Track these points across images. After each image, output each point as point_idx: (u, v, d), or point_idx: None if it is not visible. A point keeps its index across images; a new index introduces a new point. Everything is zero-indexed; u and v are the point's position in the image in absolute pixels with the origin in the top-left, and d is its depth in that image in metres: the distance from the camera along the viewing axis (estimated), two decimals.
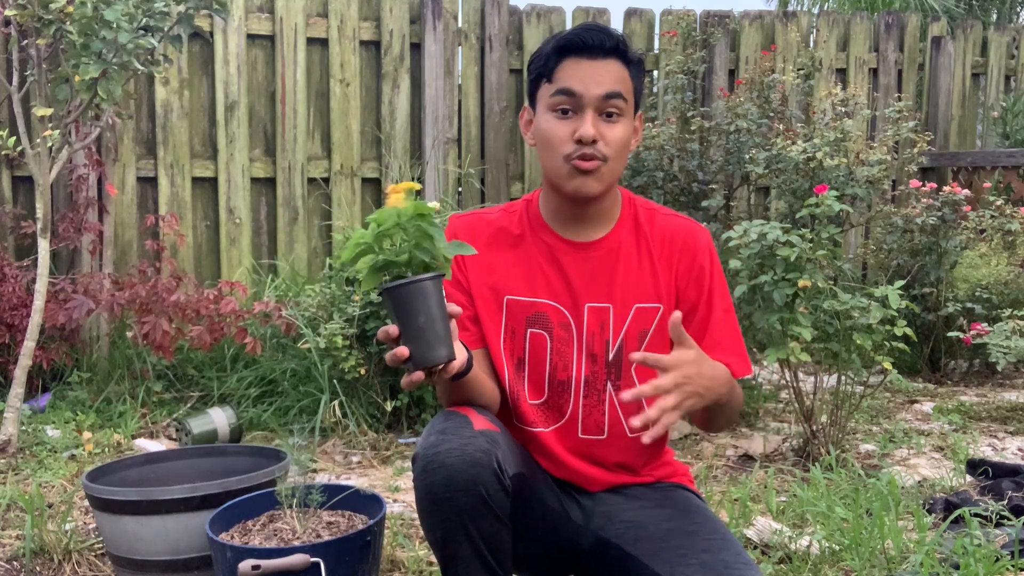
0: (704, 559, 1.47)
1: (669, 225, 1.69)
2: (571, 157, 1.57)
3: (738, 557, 1.47)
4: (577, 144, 1.56)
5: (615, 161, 1.59)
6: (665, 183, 4.45)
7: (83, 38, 3.06)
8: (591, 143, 1.56)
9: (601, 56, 1.57)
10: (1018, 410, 3.86)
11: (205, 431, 3.25)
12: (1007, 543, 2.27)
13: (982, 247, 4.28)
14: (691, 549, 1.50)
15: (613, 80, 1.57)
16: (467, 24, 4.71)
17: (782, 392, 3.98)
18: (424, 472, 1.43)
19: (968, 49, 5.77)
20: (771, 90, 4.46)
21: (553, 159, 1.60)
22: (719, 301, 1.67)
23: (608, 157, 1.58)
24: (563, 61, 1.58)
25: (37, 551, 2.33)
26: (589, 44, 1.57)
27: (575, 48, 1.57)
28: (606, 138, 1.57)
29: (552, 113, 1.59)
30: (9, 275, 3.68)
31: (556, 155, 1.59)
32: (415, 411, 3.52)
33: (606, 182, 1.60)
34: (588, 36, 1.57)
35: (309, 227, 4.50)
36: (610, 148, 1.58)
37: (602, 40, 1.57)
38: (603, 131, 1.57)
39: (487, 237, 1.69)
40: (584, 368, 1.65)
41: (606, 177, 1.60)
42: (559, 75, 1.58)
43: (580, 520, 1.66)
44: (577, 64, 1.57)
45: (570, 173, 1.58)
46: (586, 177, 1.58)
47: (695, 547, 1.50)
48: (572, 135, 1.57)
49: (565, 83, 1.57)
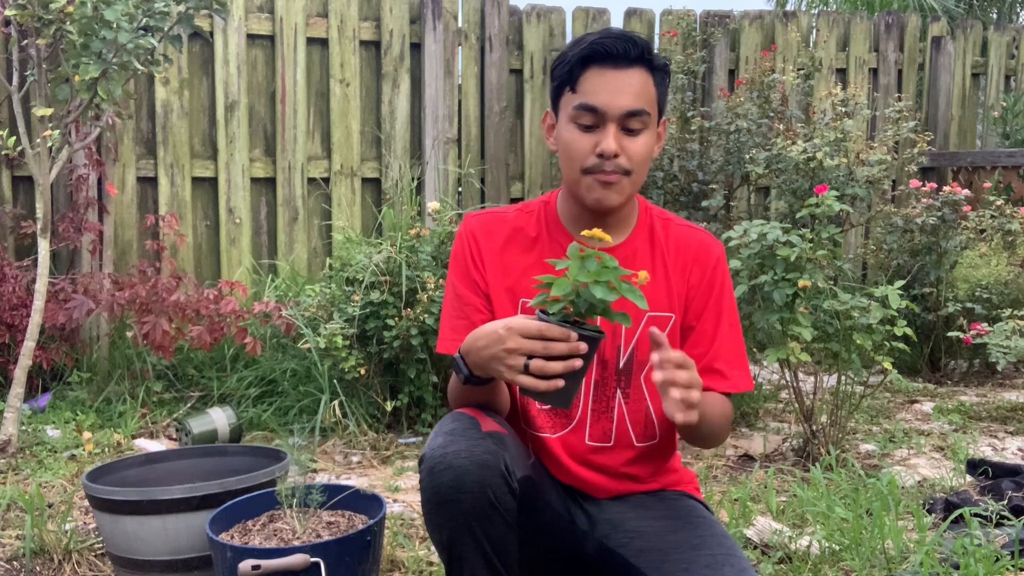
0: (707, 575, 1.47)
1: (684, 236, 1.70)
2: (591, 171, 1.57)
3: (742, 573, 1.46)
4: (598, 158, 1.56)
5: (637, 174, 1.59)
6: (665, 183, 4.45)
7: (83, 38, 3.06)
8: (612, 158, 1.55)
9: (626, 65, 1.56)
10: (1018, 410, 3.86)
11: (205, 431, 3.25)
12: (1007, 543, 2.27)
13: (982, 247, 4.28)
14: (695, 564, 1.50)
15: (637, 92, 1.56)
16: (467, 24, 4.71)
17: (782, 392, 3.98)
18: (431, 473, 1.43)
19: (968, 49, 5.77)
20: (771, 90, 4.46)
21: (572, 170, 1.59)
22: (727, 315, 1.67)
23: (630, 171, 1.58)
24: (587, 70, 1.56)
25: (37, 551, 2.33)
26: (614, 53, 1.55)
27: (600, 57, 1.56)
28: (628, 152, 1.56)
29: (574, 125, 1.58)
30: (9, 275, 3.68)
31: (575, 167, 1.58)
32: (415, 411, 3.52)
33: (627, 194, 1.60)
34: (613, 45, 1.55)
35: (309, 227, 4.50)
36: (632, 162, 1.57)
37: (627, 49, 1.55)
38: (625, 145, 1.56)
39: (504, 238, 1.68)
40: (594, 374, 1.65)
41: (627, 189, 1.60)
42: (583, 86, 1.56)
43: (585, 527, 1.66)
44: (601, 74, 1.56)
45: (589, 186, 1.58)
46: (607, 190, 1.58)
47: (699, 562, 1.50)
48: (593, 148, 1.56)
49: (588, 99, 1.55)
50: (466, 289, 1.66)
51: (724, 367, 1.64)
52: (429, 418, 3.48)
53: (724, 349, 1.66)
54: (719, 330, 1.66)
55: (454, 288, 1.68)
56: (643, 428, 1.67)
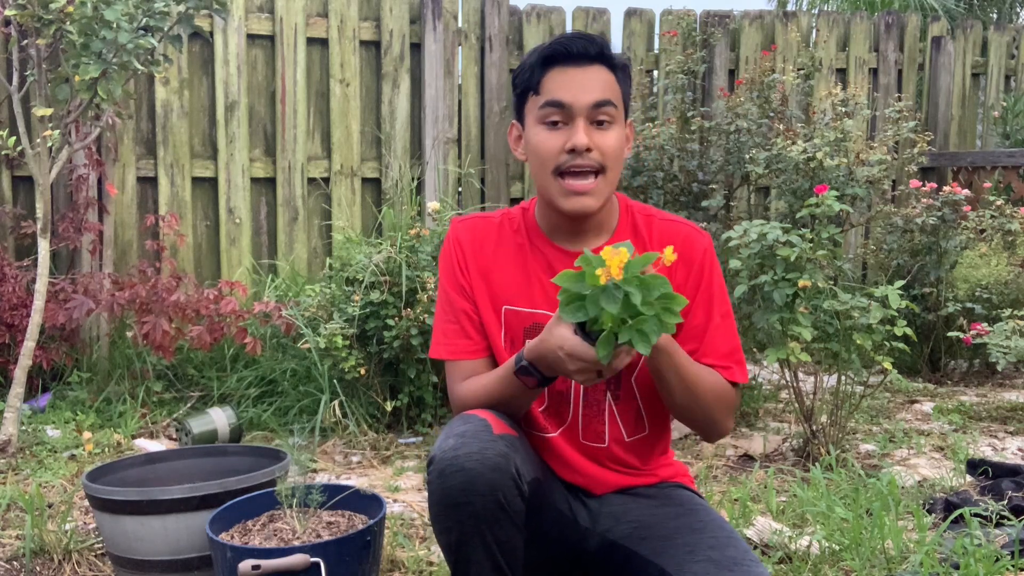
0: (712, 555, 1.47)
1: (667, 230, 1.68)
2: (562, 169, 1.55)
3: (746, 554, 1.47)
4: (570, 154, 1.54)
5: (611, 171, 1.57)
6: (665, 183, 4.45)
7: (83, 38, 3.06)
8: (585, 152, 1.54)
9: (586, 63, 1.56)
10: (1018, 410, 3.86)
11: (205, 431, 3.25)
12: (1007, 543, 2.27)
13: (982, 247, 4.28)
14: (698, 546, 1.50)
15: (602, 87, 1.56)
16: (467, 24, 4.71)
17: (782, 392, 3.98)
18: (442, 475, 1.42)
19: (968, 49, 5.77)
20: (771, 90, 4.45)
21: (545, 175, 1.58)
22: (717, 307, 1.66)
23: (604, 166, 1.56)
24: (548, 71, 1.56)
25: (37, 551, 2.33)
26: (573, 52, 1.55)
27: (560, 57, 1.56)
28: (600, 146, 1.55)
29: (542, 126, 1.57)
30: (9, 275, 3.68)
31: (547, 168, 1.57)
32: (415, 411, 3.52)
33: (604, 196, 1.58)
34: (572, 44, 1.55)
35: (309, 227, 4.50)
36: (605, 157, 1.56)
37: (586, 47, 1.55)
38: (596, 139, 1.55)
39: (489, 244, 1.68)
40: None
41: (603, 191, 1.58)
42: (546, 86, 1.56)
43: (587, 523, 1.66)
44: (563, 73, 1.55)
45: (561, 192, 1.56)
46: (581, 197, 1.56)
47: (702, 544, 1.50)
48: (564, 146, 1.55)
49: (553, 94, 1.55)
50: (455, 294, 1.67)
51: (718, 360, 1.63)
52: (429, 418, 3.48)
53: (716, 342, 1.65)
54: (710, 323, 1.65)
55: (445, 293, 1.69)
56: (634, 426, 1.69)
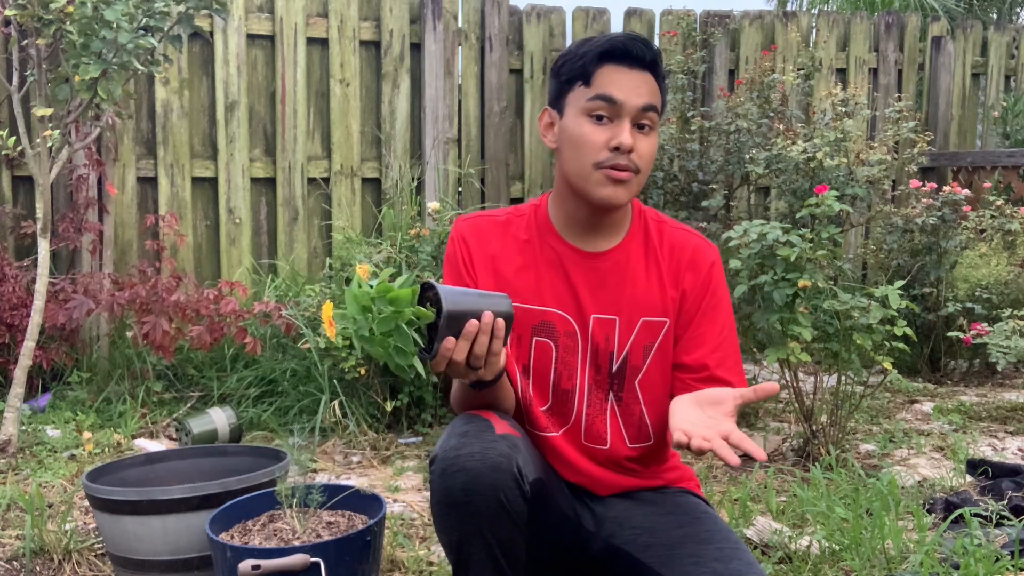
0: (717, 568, 1.46)
1: (679, 239, 1.68)
2: (603, 165, 1.55)
3: (750, 567, 1.46)
4: (613, 152, 1.54)
5: (643, 174, 1.58)
6: (665, 183, 4.45)
7: (83, 38, 3.06)
8: (627, 153, 1.54)
9: (640, 68, 1.56)
10: (1018, 410, 3.86)
11: (205, 431, 3.25)
12: (1007, 543, 2.27)
13: (982, 247, 4.28)
14: (704, 557, 1.49)
15: (650, 92, 1.56)
16: (467, 24, 4.71)
17: (782, 392, 3.98)
18: (443, 475, 1.42)
19: (968, 49, 5.77)
20: (771, 90, 4.46)
21: (582, 164, 1.57)
22: (723, 320, 1.66)
23: (640, 169, 1.57)
24: (603, 66, 1.56)
25: (37, 551, 2.33)
26: (632, 54, 1.55)
27: (618, 55, 1.55)
28: (640, 150, 1.56)
29: (587, 118, 1.56)
30: (9, 275, 3.68)
31: (586, 161, 1.56)
32: (415, 411, 3.52)
33: (633, 193, 1.59)
34: (632, 45, 1.55)
35: (309, 227, 4.50)
36: (642, 161, 1.57)
37: (644, 52, 1.56)
38: (638, 142, 1.55)
39: (495, 242, 1.67)
40: (588, 378, 1.65)
41: (634, 189, 1.58)
42: (599, 80, 1.55)
43: (592, 526, 1.65)
44: (617, 71, 1.55)
45: (600, 181, 1.56)
46: (617, 187, 1.56)
47: (708, 555, 1.49)
48: (607, 143, 1.54)
49: (606, 89, 1.54)
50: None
51: (724, 374, 1.63)
52: (429, 418, 3.48)
53: (721, 356, 1.65)
54: (716, 336, 1.65)
55: None
56: (636, 431, 1.68)
